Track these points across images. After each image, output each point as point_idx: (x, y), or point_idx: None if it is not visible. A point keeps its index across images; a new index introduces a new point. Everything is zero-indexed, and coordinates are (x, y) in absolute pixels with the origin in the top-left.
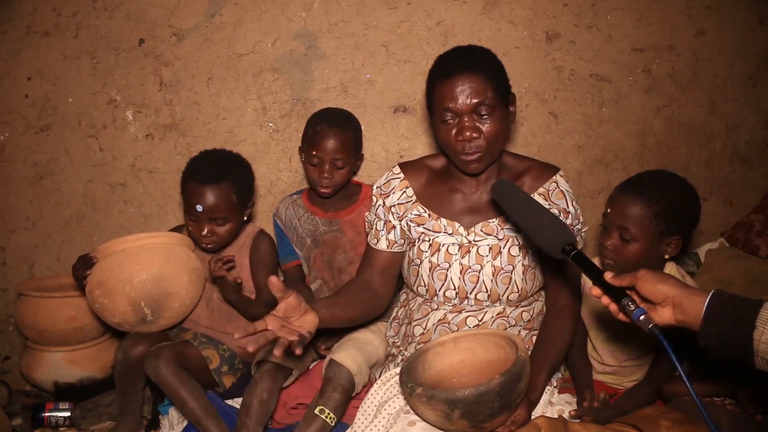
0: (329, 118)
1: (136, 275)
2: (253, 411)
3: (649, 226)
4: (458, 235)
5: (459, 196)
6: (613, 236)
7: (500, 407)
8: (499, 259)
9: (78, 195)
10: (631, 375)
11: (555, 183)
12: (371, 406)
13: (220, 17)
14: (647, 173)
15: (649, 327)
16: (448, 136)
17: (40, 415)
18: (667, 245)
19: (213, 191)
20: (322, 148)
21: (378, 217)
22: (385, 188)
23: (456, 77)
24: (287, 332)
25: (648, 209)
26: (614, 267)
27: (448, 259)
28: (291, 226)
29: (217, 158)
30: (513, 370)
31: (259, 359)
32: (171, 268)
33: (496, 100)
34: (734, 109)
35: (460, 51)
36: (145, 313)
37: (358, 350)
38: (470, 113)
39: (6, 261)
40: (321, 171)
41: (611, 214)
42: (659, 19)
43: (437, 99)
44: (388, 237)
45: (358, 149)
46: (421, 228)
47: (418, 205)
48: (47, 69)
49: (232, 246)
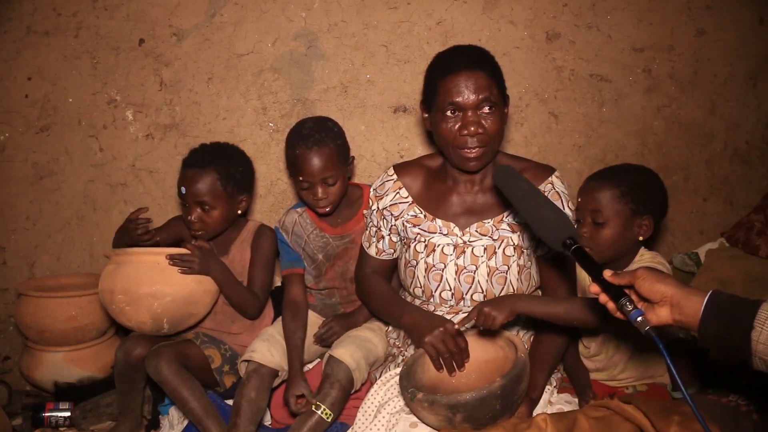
0: (305, 138)
1: (168, 294)
2: (243, 411)
3: (618, 205)
4: (453, 235)
5: (455, 196)
6: (587, 223)
7: (502, 409)
8: (494, 259)
9: (78, 195)
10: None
11: (551, 184)
12: (371, 407)
13: (220, 17)
14: (610, 167)
15: (645, 329)
16: (451, 131)
17: (40, 415)
18: (639, 227)
19: (196, 174)
20: (308, 172)
21: (372, 222)
22: (380, 190)
23: (463, 72)
24: None
25: (615, 188)
26: (591, 255)
27: (443, 260)
28: (299, 242)
29: (211, 146)
30: (513, 372)
31: (245, 359)
32: (200, 292)
33: (498, 96)
34: (734, 109)
35: (463, 49)
36: (163, 326)
37: (357, 347)
38: (474, 108)
39: (6, 261)
40: (314, 193)
41: (582, 202)
42: (659, 19)
43: (441, 93)
44: (377, 245)
45: (346, 156)
46: (416, 229)
47: (415, 206)
48: (47, 69)
49: (235, 242)
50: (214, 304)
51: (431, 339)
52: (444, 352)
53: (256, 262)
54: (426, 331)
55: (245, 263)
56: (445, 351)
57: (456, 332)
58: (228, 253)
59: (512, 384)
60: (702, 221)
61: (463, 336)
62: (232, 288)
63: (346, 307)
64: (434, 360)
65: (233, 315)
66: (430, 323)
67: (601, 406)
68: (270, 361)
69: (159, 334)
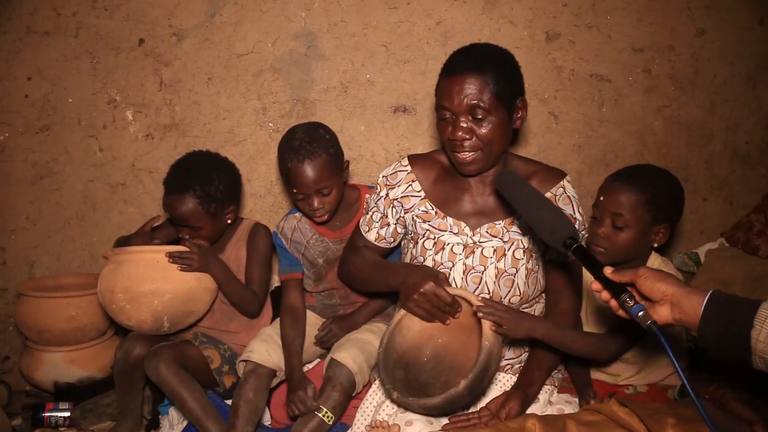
0: (296, 150)
1: (168, 292)
2: (241, 411)
3: (641, 212)
4: (463, 235)
5: (467, 196)
6: (606, 224)
7: (474, 398)
8: (503, 261)
9: (78, 195)
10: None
11: (562, 188)
12: (369, 407)
13: (220, 17)
14: (635, 166)
15: (647, 323)
16: (444, 133)
17: (40, 415)
18: (656, 233)
19: (176, 201)
20: (301, 185)
21: (377, 208)
22: (392, 179)
23: (455, 76)
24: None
25: (641, 195)
26: (605, 255)
27: (452, 259)
28: (299, 248)
29: (187, 165)
30: (476, 370)
31: (243, 359)
32: (200, 289)
33: (494, 103)
34: (734, 109)
35: (468, 50)
36: (164, 325)
37: (359, 350)
38: (466, 114)
39: (6, 261)
40: (309, 204)
41: (604, 201)
42: (659, 19)
43: (437, 95)
44: (379, 231)
45: (340, 163)
46: (426, 225)
47: (426, 202)
48: (47, 69)
49: (231, 240)
50: (213, 301)
51: (412, 305)
52: (428, 311)
53: (252, 261)
54: (410, 292)
55: (241, 262)
56: (430, 309)
57: (437, 288)
58: (224, 252)
59: (478, 380)
60: (702, 221)
61: (444, 289)
62: (231, 285)
63: (346, 308)
64: (424, 319)
65: (231, 313)
66: (413, 283)
67: (594, 411)
68: (268, 361)
69: (159, 333)
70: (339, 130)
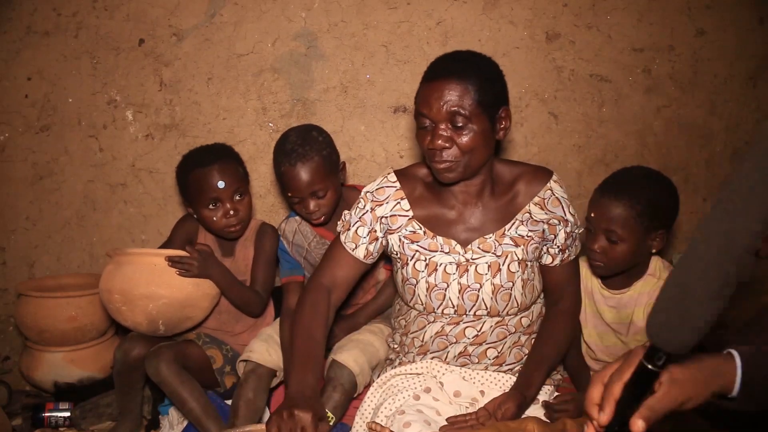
0: (289, 153)
1: (164, 297)
2: (241, 411)
3: (634, 225)
4: (455, 253)
5: (453, 211)
6: (600, 239)
7: None
8: (499, 276)
9: (78, 195)
10: None
11: (550, 190)
12: (368, 408)
13: (220, 17)
14: (622, 171)
15: None
16: (423, 141)
17: (40, 415)
18: (653, 240)
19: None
20: (296, 189)
21: (363, 222)
22: (378, 196)
23: (435, 82)
24: None
25: (631, 209)
26: (604, 269)
27: (446, 279)
28: (301, 251)
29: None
30: None
31: (243, 359)
32: (198, 296)
33: (475, 111)
34: (734, 109)
35: (451, 56)
36: (159, 328)
37: (361, 351)
38: (445, 122)
39: (6, 261)
40: (305, 207)
41: (595, 218)
42: (659, 19)
43: (416, 103)
44: (368, 247)
45: (335, 165)
46: (415, 246)
47: (414, 222)
48: (47, 69)
49: (239, 242)
50: (213, 308)
51: (277, 418)
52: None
53: (258, 261)
54: (288, 406)
55: (249, 262)
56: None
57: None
58: (233, 253)
59: None
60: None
61: None
62: (233, 290)
63: (346, 309)
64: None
65: (238, 315)
66: (297, 403)
67: None
68: (268, 361)
69: (156, 335)
70: (339, 130)
